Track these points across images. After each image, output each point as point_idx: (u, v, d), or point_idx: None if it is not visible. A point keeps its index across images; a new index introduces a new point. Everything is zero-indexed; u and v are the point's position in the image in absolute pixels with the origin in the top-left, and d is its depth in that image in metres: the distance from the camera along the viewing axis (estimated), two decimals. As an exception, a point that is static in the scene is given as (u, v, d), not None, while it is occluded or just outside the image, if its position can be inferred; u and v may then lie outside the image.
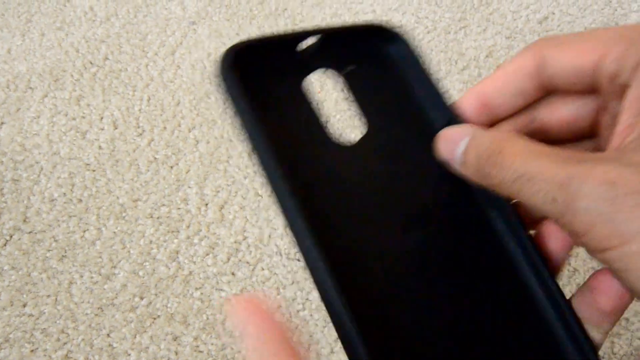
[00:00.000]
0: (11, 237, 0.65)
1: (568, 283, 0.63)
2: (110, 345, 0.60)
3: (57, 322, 0.61)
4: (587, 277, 0.56)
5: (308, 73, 0.29)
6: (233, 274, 0.63)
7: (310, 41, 0.29)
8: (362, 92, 0.30)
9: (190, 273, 0.63)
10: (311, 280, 0.25)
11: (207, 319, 0.61)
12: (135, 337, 0.60)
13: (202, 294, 0.62)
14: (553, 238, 0.28)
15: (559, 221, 0.24)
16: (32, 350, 0.59)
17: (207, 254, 0.64)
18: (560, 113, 0.30)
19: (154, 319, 0.61)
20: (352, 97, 0.30)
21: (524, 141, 0.25)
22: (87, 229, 0.66)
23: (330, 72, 0.30)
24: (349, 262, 0.26)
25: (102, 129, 0.73)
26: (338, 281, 0.24)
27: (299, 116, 0.28)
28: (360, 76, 0.30)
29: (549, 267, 0.27)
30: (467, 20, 0.86)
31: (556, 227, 0.28)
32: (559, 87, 0.28)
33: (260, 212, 0.67)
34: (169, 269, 0.63)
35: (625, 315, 0.61)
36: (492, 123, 0.30)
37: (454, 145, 0.28)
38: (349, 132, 0.29)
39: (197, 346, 0.60)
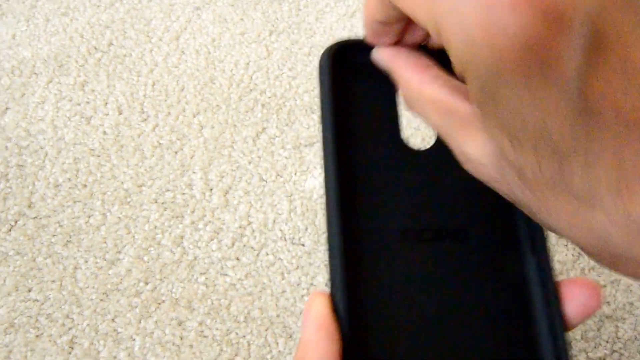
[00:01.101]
0: (16, 222, 0.65)
1: (572, 268, 0.62)
2: (115, 330, 0.60)
3: (62, 307, 0.61)
4: (591, 262, 0.56)
5: None
6: (237, 259, 0.63)
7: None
8: None
9: (195, 258, 0.63)
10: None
11: (212, 303, 0.61)
12: (140, 322, 0.60)
13: (206, 279, 0.62)
14: (572, 302, 0.28)
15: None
16: (37, 336, 0.59)
17: (212, 239, 0.64)
18: None
19: (159, 304, 0.61)
20: None
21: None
22: (92, 215, 0.66)
23: None
24: (364, 249, 0.28)
25: (107, 115, 0.73)
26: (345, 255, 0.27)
27: (384, 113, 0.31)
28: None
29: (563, 322, 0.28)
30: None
31: (578, 291, 0.28)
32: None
33: (265, 197, 0.67)
34: (174, 254, 0.63)
35: (630, 299, 0.61)
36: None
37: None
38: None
39: (202, 331, 0.60)
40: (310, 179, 0.68)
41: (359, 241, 0.28)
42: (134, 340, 0.59)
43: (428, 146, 0.30)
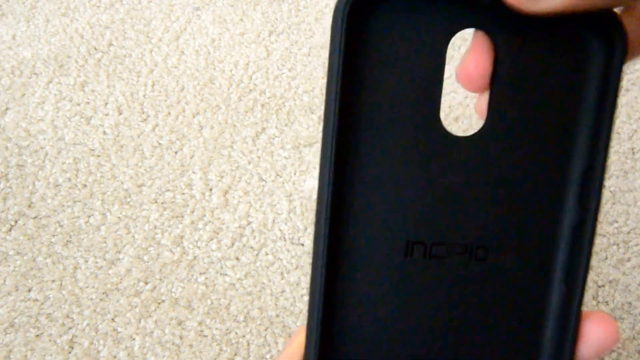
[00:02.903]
0: (16, 222, 0.65)
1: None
2: (115, 329, 0.60)
3: (62, 307, 0.61)
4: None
5: (461, 29, 0.23)
6: (237, 258, 0.63)
7: None
8: (506, 81, 0.23)
9: (195, 258, 0.63)
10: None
11: (212, 303, 0.61)
12: (139, 322, 0.60)
13: (206, 278, 0.62)
14: (585, 342, 0.25)
15: None
16: (37, 335, 0.59)
17: (212, 239, 0.64)
18: None
19: (159, 303, 0.61)
20: (493, 82, 0.24)
21: None
22: (92, 214, 0.66)
23: (486, 37, 0.23)
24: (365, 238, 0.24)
25: (107, 115, 0.73)
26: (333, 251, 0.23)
27: (421, 85, 0.23)
28: (522, 58, 0.23)
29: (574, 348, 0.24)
30: None
31: (593, 330, 0.24)
32: None
33: (264, 197, 0.67)
34: (174, 254, 0.64)
35: (628, 299, 0.61)
36: None
37: None
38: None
39: (202, 331, 0.60)
40: (309, 179, 0.68)
41: (350, 259, 0.23)
42: (134, 339, 0.59)
43: (471, 133, 0.24)
